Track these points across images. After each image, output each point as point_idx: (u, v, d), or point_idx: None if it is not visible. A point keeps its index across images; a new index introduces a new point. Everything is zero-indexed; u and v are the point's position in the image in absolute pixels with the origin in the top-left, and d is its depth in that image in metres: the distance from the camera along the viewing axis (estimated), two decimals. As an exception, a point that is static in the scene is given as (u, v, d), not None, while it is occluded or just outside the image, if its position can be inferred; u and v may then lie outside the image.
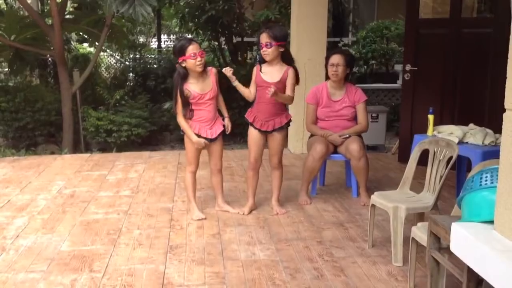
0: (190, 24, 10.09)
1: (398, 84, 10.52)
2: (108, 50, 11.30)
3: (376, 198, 3.52)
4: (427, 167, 3.57)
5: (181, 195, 4.88)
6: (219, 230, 4.01)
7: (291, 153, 6.69)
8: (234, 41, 9.73)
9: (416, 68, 5.88)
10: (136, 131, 7.83)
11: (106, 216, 4.35)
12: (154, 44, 14.02)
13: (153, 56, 11.10)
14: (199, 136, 4.19)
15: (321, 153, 4.59)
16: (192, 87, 4.13)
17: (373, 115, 6.79)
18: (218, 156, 4.35)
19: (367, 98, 4.90)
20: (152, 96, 9.11)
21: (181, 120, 4.20)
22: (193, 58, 4.05)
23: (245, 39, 9.66)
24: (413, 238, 3.01)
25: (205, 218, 4.22)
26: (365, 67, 11.88)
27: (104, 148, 7.95)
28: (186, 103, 4.13)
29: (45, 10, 9.42)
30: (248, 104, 4.57)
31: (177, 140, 8.96)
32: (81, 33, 9.97)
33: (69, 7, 9.50)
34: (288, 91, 4.24)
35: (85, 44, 11.23)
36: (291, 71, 4.23)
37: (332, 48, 6.79)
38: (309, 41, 6.54)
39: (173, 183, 5.33)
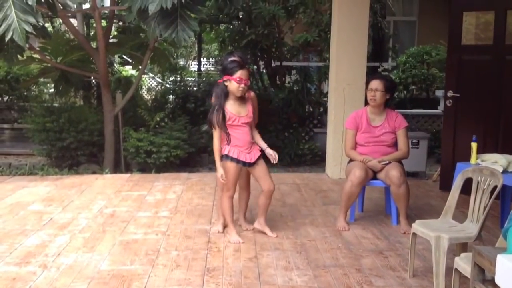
0: (230, 48, 10.25)
1: (439, 110, 10.38)
2: (149, 73, 11.55)
3: (418, 226, 3.45)
4: (470, 196, 3.49)
5: (218, 217, 4.89)
6: (256, 253, 4.00)
7: (329, 177, 6.65)
8: (273, 65, 9.80)
9: (458, 95, 5.79)
10: (175, 152, 7.92)
11: (145, 236, 4.40)
12: (193, 67, 14.29)
13: (193, 79, 11.28)
14: (237, 160, 4.22)
15: (360, 178, 4.55)
16: (229, 107, 4.19)
17: (414, 141, 6.69)
18: (267, 176, 4.35)
19: (408, 124, 4.86)
20: (191, 118, 9.21)
21: (215, 142, 4.26)
22: (238, 82, 4.11)
23: (284, 63, 9.72)
24: (456, 269, 2.94)
25: (243, 242, 4.22)
26: (405, 92, 11.78)
27: (144, 168, 8.07)
28: (223, 124, 4.18)
29: (91, 34, 9.71)
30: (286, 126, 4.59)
31: (215, 162, 9.03)
32: (124, 56, 10.23)
33: (114, 31, 9.77)
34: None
35: (127, 67, 11.54)
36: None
37: (371, 73, 6.79)
38: (349, 65, 6.54)
39: (210, 205, 5.36)
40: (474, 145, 4.37)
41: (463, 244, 3.44)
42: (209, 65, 14.60)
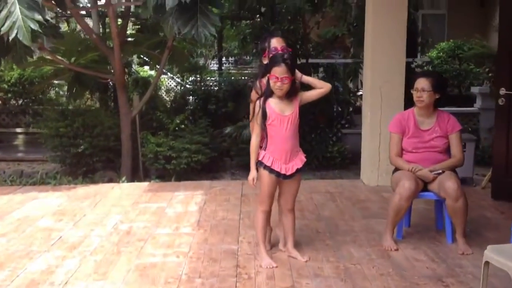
0: (251, 46, 9.71)
1: (476, 107, 9.71)
2: (168, 73, 11.05)
3: (493, 254, 2.85)
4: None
5: (246, 234, 4.35)
6: (293, 282, 3.44)
7: (364, 185, 6.05)
8: (298, 62, 9.21)
9: (512, 92, 5.16)
10: (196, 157, 7.41)
11: (164, 259, 3.86)
12: (213, 66, 13.75)
13: (213, 78, 10.76)
14: (270, 170, 3.66)
15: (410, 191, 3.95)
16: (272, 104, 3.64)
17: (458, 143, 6.05)
18: (292, 195, 3.80)
19: (462, 127, 4.25)
20: (213, 121, 8.70)
21: (253, 139, 3.70)
22: (273, 81, 3.57)
23: (310, 60, 9.14)
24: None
25: (276, 267, 3.66)
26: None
27: (163, 175, 7.57)
28: (263, 123, 3.63)
29: (106, 32, 9.24)
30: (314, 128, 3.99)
31: (238, 166, 8.50)
32: (141, 56, 9.75)
33: (130, 29, 9.30)
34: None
35: (146, 67, 11.06)
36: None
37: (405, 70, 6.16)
38: (386, 61, 5.93)
39: (236, 219, 4.81)
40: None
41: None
42: (229, 64, 14.02)
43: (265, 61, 3.92)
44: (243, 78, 9.98)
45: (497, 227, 4.45)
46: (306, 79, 3.76)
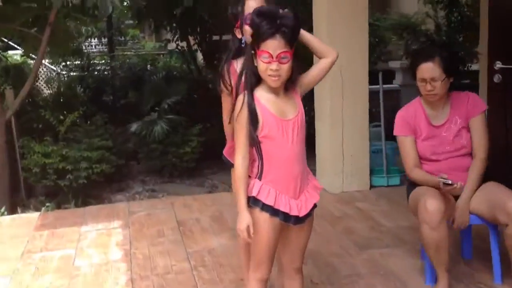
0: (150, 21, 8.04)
1: (396, 84, 8.90)
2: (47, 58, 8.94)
3: None
4: None
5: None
6: None
7: (328, 193, 4.77)
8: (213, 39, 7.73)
9: (513, 67, 4.14)
10: (99, 168, 5.72)
11: None
12: (92, 48, 11.63)
13: (102, 62, 8.81)
14: (274, 211, 2.23)
15: (439, 213, 2.73)
16: (263, 100, 2.21)
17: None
18: (302, 247, 2.38)
19: (487, 107, 3.08)
20: (111, 116, 6.99)
21: (238, 165, 2.20)
22: (265, 61, 2.12)
23: (225, 37, 7.69)
24: None
25: None
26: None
27: (54, 192, 5.79)
28: (251, 136, 2.19)
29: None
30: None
31: (148, 172, 6.90)
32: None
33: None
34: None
35: (13, 51, 8.88)
36: None
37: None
38: (347, 34, 4.67)
39: (187, 268, 3.34)
40: None
41: None
42: (102, 45, 11.60)
43: (238, 34, 2.49)
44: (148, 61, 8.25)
45: None
46: (306, 36, 2.33)
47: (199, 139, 6.66)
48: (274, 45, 2.10)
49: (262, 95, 2.19)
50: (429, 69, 2.88)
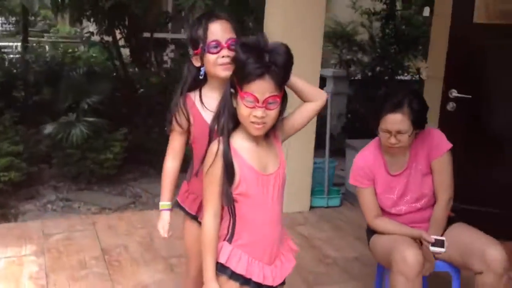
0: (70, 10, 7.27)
1: (326, 91, 8.77)
2: None
3: None
4: None
5: None
6: None
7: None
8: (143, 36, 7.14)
9: (470, 96, 3.99)
10: (7, 176, 5.01)
11: None
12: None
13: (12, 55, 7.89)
14: (245, 280, 1.82)
15: (419, 265, 2.46)
16: (239, 149, 1.80)
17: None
18: None
19: (451, 145, 2.83)
20: (23, 115, 6.22)
21: (208, 224, 1.81)
22: (249, 105, 1.73)
23: (157, 35, 7.16)
24: None
25: None
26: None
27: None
28: (226, 194, 1.78)
29: None
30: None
31: (60, 176, 6.19)
32: None
33: None
34: None
35: None
36: None
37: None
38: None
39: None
40: None
41: None
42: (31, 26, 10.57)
43: (197, 62, 2.07)
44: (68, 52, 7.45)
45: None
46: (295, 82, 1.95)
47: (123, 144, 6.07)
48: (261, 88, 1.70)
49: (239, 144, 1.80)
50: (396, 121, 2.54)
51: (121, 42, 7.22)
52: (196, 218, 2.17)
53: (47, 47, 8.55)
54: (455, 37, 4.07)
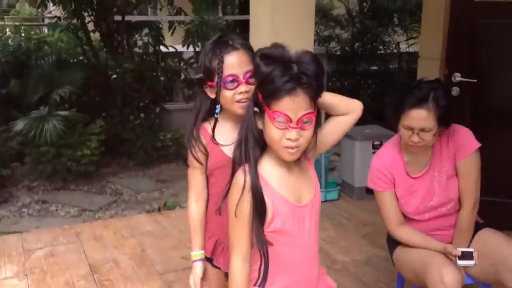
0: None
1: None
2: None
3: None
4: None
5: None
6: None
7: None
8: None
9: (475, 80, 3.76)
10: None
11: None
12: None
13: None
14: None
15: (458, 285, 2.23)
16: (275, 183, 1.53)
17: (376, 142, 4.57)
18: None
19: (479, 144, 2.58)
20: (-12, 110, 5.80)
21: (237, 269, 1.54)
22: (280, 127, 1.45)
23: (128, 17, 6.72)
24: None
25: None
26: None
27: None
28: (259, 236, 1.50)
29: None
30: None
31: (35, 174, 5.81)
32: None
33: None
34: None
35: None
36: None
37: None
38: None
39: None
40: None
41: None
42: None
43: (211, 94, 1.77)
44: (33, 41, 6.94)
45: None
46: (329, 99, 1.63)
47: (99, 138, 5.71)
48: (294, 105, 1.42)
49: (268, 172, 1.51)
50: (420, 118, 2.26)
51: (90, 27, 6.76)
52: (211, 261, 1.88)
53: (8, 30, 7.97)
54: (456, 16, 3.80)
